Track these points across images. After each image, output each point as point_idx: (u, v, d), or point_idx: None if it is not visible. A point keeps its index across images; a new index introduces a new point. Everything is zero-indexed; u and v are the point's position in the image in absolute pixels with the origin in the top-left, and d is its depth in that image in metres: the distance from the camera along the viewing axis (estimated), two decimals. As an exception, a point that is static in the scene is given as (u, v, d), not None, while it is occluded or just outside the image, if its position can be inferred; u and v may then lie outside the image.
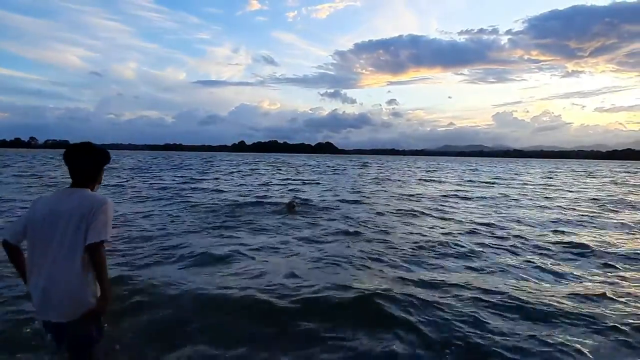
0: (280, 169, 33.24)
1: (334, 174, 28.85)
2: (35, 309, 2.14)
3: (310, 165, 43.41)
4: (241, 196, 12.79)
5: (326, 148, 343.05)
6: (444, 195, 14.61)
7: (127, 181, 17.76)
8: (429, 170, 37.38)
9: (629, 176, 32.81)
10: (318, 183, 19.64)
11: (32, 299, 2.13)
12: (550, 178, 27.94)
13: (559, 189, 18.56)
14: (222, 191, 14.43)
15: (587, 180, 26.15)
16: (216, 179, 21.03)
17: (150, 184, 16.98)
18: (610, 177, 30.23)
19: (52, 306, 2.08)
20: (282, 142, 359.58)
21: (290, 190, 15.66)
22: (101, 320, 2.26)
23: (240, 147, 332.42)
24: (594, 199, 14.33)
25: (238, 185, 17.14)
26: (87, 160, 2.30)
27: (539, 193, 16.36)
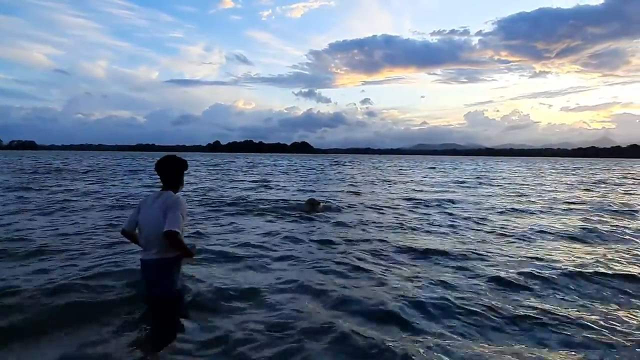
0: (252, 169, 32.30)
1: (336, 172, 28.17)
2: (141, 258, 3.35)
3: (293, 166, 42.55)
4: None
5: (302, 148, 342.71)
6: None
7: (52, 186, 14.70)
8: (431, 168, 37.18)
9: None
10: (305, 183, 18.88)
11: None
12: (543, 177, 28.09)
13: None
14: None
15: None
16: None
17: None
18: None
19: (150, 256, 3.27)
20: (257, 142, 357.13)
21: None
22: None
23: (215, 147, 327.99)
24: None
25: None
26: (170, 169, 3.44)
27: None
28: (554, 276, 4.63)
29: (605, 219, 9.05)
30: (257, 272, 4.77)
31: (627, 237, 7.17)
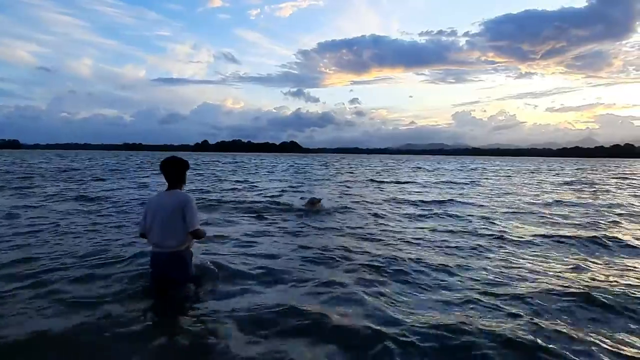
0: (238, 170, 32.00)
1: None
2: (152, 251, 3.79)
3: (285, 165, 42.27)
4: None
5: (291, 147, 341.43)
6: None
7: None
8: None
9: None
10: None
11: (150, 254, 3.83)
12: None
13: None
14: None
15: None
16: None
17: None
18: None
19: (164, 250, 3.70)
20: (246, 141, 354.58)
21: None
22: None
23: (203, 146, 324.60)
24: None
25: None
26: (174, 169, 3.78)
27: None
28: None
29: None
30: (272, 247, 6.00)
31: None
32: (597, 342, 3.07)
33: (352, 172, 30.45)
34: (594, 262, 5.45)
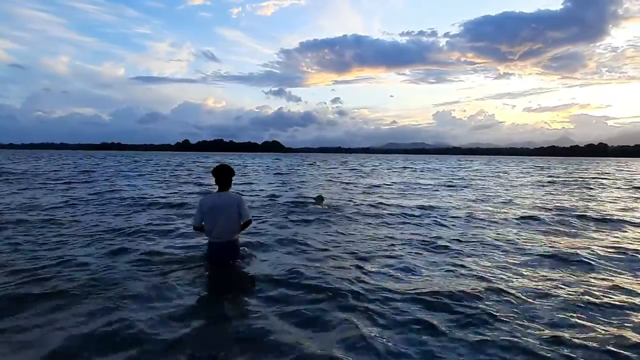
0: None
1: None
2: (212, 242, 4.78)
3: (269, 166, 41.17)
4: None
5: (273, 147, 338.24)
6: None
7: None
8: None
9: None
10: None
11: (209, 244, 4.86)
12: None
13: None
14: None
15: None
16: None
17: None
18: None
19: (224, 240, 4.74)
20: (228, 140, 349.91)
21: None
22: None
23: (184, 146, 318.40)
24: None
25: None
26: (227, 175, 4.82)
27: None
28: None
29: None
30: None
31: None
32: None
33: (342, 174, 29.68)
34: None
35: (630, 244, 6.73)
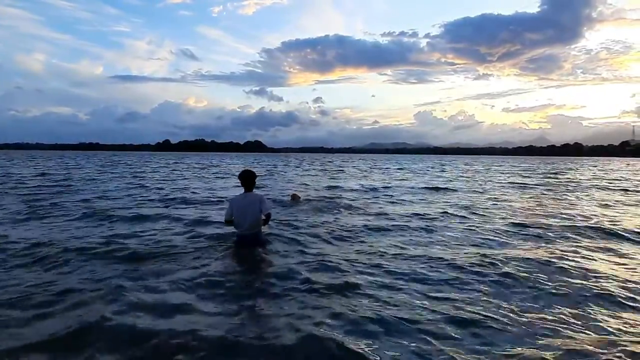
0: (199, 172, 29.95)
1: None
2: (240, 234, 5.83)
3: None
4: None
5: (255, 147, 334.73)
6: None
7: None
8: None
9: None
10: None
11: (238, 236, 5.91)
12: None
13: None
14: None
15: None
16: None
17: None
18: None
19: (252, 232, 5.82)
20: (209, 140, 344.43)
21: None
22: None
23: (164, 146, 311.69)
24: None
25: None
26: (252, 179, 5.84)
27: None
28: None
29: None
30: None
31: None
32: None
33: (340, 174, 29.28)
34: None
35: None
